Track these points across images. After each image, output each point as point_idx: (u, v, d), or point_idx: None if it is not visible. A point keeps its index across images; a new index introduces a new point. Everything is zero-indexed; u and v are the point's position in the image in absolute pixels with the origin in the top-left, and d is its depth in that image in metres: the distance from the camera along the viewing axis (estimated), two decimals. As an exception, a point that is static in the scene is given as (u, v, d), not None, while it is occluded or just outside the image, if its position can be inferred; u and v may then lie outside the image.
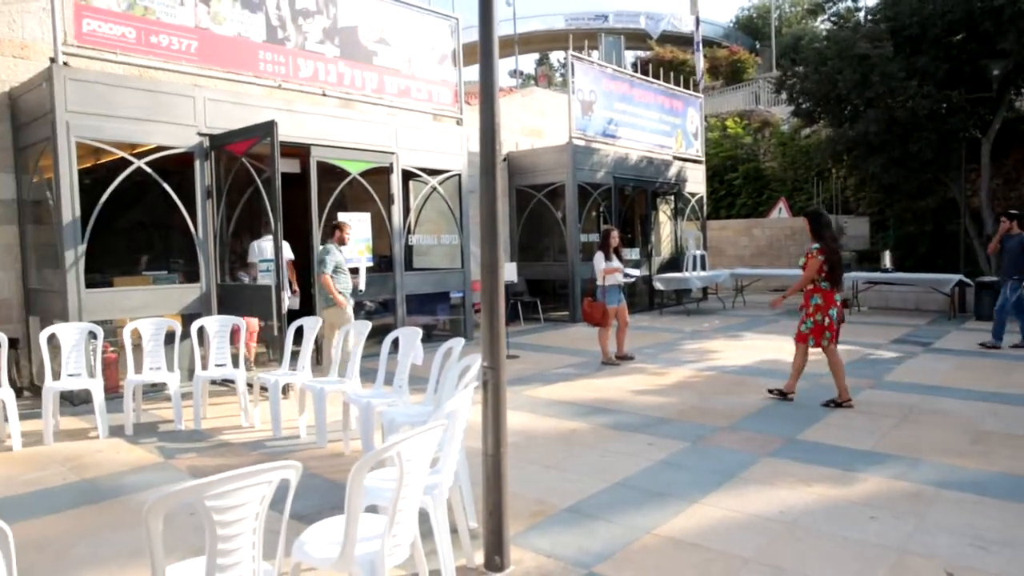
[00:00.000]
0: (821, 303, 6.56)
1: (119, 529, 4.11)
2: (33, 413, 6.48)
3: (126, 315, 7.52)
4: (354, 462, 5.11)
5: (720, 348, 10.09)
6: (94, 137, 7.30)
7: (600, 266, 8.86)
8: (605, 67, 14.94)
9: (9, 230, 8.13)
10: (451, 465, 3.17)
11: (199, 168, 7.98)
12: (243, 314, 7.26)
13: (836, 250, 6.54)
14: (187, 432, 6.22)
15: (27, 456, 5.62)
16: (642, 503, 4.34)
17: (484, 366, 3.30)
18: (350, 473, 2.37)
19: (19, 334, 7.97)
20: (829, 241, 6.52)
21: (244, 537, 2.11)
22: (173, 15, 7.84)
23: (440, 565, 3.14)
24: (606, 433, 5.91)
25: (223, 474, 2.01)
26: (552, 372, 8.59)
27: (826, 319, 6.55)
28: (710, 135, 23.27)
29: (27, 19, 8.17)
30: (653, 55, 32.69)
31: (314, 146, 8.87)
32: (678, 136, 16.60)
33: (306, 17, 8.99)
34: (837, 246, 6.59)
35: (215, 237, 8.16)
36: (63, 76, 7.02)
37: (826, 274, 6.49)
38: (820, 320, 6.56)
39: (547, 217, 14.13)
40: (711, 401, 6.93)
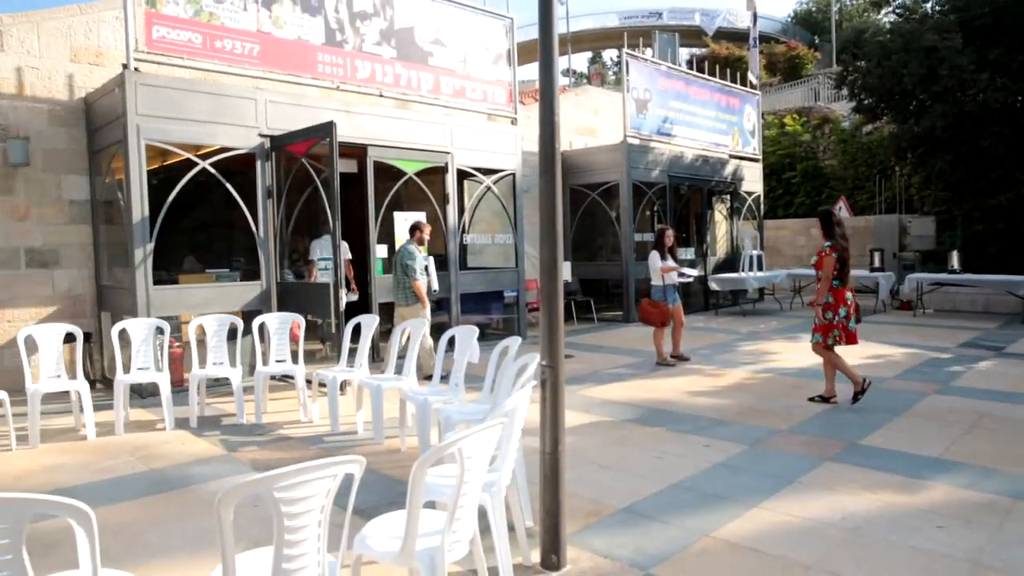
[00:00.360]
0: (831, 301, 6.64)
1: (187, 518, 4.25)
2: (104, 404, 6.73)
3: (190, 311, 7.77)
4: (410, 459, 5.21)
5: (777, 350, 9.88)
6: (162, 139, 7.55)
7: (656, 265, 8.76)
8: (660, 65, 14.79)
9: (83, 229, 8.48)
10: (509, 463, 3.18)
11: (260, 168, 8.19)
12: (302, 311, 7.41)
13: (846, 248, 6.63)
14: (248, 426, 6.39)
15: (100, 445, 5.86)
16: (699, 505, 4.28)
17: (543, 364, 3.31)
18: (412, 468, 2.40)
19: (92, 329, 8.31)
20: (839, 239, 6.61)
21: (310, 529, 2.16)
22: (236, 20, 8.05)
23: (497, 562, 3.16)
24: (662, 434, 5.85)
25: (291, 467, 2.06)
26: (607, 372, 8.54)
27: (835, 317, 6.61)
28: (767, 133, 22.80)
29: (102, 28, 8.51)
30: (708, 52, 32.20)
31: (371, 146, 9.00)
32: (734, 134, 16.32)
33: (363, 19, 9.13)
34: (846, 244, 6.67)
35: (275, 236, 8.36)
36: (134, 81, 7.29)
37: (836, 272, 6.59)
38: (829, 319, 6.63)
39: (600, 216, 14.06)
40: (768, 403, 6.80)
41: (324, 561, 2.27)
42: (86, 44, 8.42)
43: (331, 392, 6.10)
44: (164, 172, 8.64)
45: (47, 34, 8.15)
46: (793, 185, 22.76)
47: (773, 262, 18.83)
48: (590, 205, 13.75)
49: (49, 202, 8.21)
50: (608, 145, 14.06)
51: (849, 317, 6.61)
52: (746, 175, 16.54)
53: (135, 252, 7.37)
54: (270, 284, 8.27)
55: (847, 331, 6.63)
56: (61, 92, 8.25)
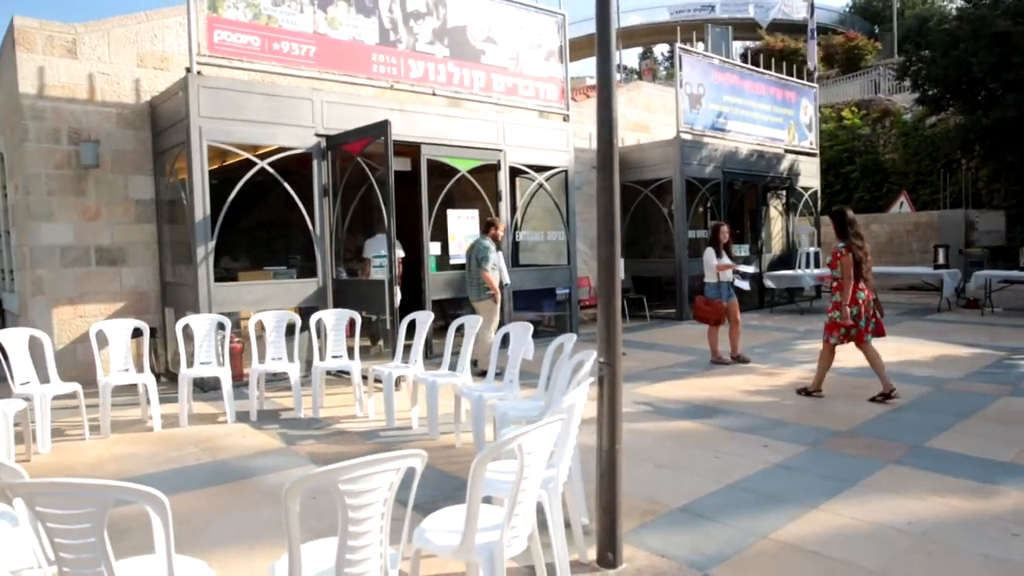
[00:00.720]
0: (841, 300, 6.69)
1: (249, 508, 4.36)
2: (168, 397, 6.94)
3: (249, 308, 7.97)
4: (465, 455, 5.26)
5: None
6: (223, 140, 7.76)
7: (712, 262, 8.63)
8: (713, 59, 14.55)
9: (148, 228, 8.77)
10: (567, 460, 3.18)
11: (316, 167, 8.35)
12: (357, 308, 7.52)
13: (861, 247, 6.67)
14: (306, 420, 6.53)
15: (165, 436, 6.06)
16: (758, 506, 4.21)
17: (600, 361, 3.30)
18: (472, 463, 2.42)
19: (157, 324, 8.60)
20: (854, 239, 6.67)
21: (373, 521, 2.19)
22: (294, 22, 8.22)
23: (554, 559, 3.16)
24: (718, 433, 5.77)
25: (356, 460, 2.10)
26: (661, 370, 8.46)
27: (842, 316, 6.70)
28: (825, 127, 22.22)
29: (166, 33, 8.79)
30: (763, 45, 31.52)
31: (424, 144, 9.09)
32: (790, 128, 15.96)
33: (417, 19, 9.21)
34: (862, 243, 6.71)
35: (331, 234, 8.51)
36: (196, 84, 7.50)
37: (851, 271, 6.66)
38: (836, 317, 6.73)
39: (653, 213, 13.92)
40: (828, 404, 6.64)
41: (386, 553, 2.30)
42: (151, 49, 8.70)
43: (386, 388, 6.19)
44: (224, 172, 8.88)
45: (116, 41, 8.45)
46: (852, 180, 22.14)
47: (831, 259, 18.34)
48: (643, 202, 13.63)
49: (117, 202, 8.52)
50: (661, 141, 13.90)
51: (860, 316, 6.65)
52: (802, 170, 16.17)
53: (197, 250, 7.59)
54: (326, 281, 8.43)
55: (859, 329, 6.68)
56: (128, 96, 8.55)
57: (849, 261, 6.61)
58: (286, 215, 9.83)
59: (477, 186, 9.79)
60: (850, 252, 6.62)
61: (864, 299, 6.68)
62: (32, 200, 8.01)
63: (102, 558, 2.04)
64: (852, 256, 6.61)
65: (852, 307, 6.64)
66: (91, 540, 2.02)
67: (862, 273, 6.67)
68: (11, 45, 8.03)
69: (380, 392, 6.56)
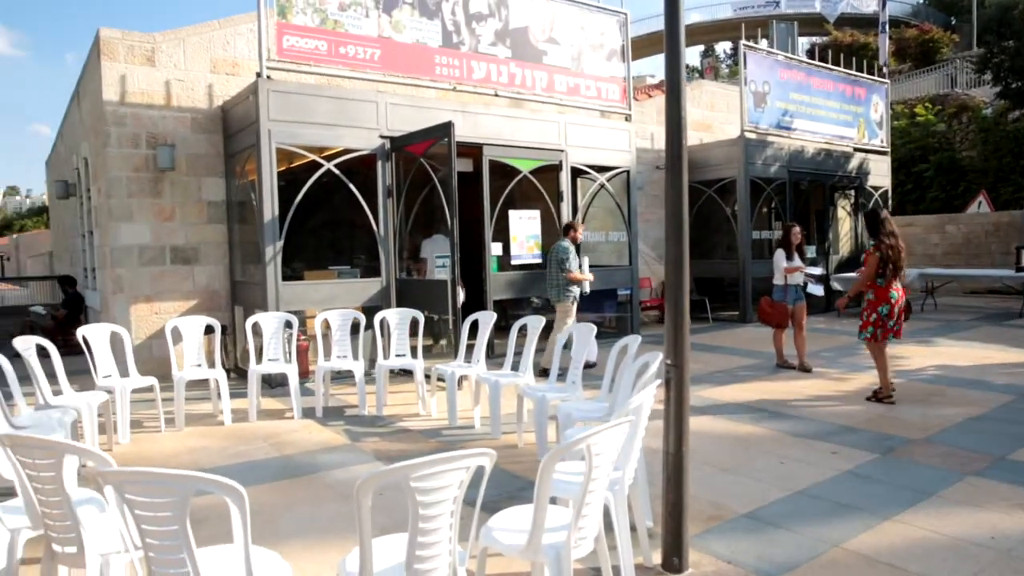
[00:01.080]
0: (872, 299, 6.76)
1: (316, 503, 4.46)
2: (237, 392, 7.15)
3: (315, 306, 8.15)
4: (527, 455, 5.26)
5: (908, 354, 9.30)
6: (291, 143, 7.96)
7: (781, 264, 8.42)
8: (779, 55, 14.22)
9: (219, 229, 9.07)
10: (633, 462, 3.16)
11: (380, 168, 8.48)
12: (420, 308, 7.61)
13: (892, 246, 6.69)
14: (370, 417, 6.64)
15: (235, 431, 6.25)
16: (828, 514, 4.09)
17: (667, 363, 3.26)
18: (541, 463, 2.42)
19: (227, 321, 8.87)
20: (885, 238, 6.70)
21: (443, 518, 2.22)
22: (359, 27, 8.37)
23: (619, 561, 3.14)
24: (785, 439, 5.64)
25: (428, 457, 2.12)
26: (724, 373, 8.31)
27: (873, 315, 6.74)
28: (896, 124, 21.44)
29: (238, 40, 9.07)
30: (831, 40, 30.66)
31: (486, 145, 9.14)
32: (860, 126, 15.47)
33: (479, 20, 9.28)
34: (894, 242, 6.71)
35: (394, 234, 8.64)
36: (266, 88, 7.72)
37: (880, 270, 6.71)
38: (867, 316, 6.78)
39: (716, 213, 13.69)
40: (901, 411, 6.41)
41: (455, 550, 2.32)
42: (223, 56, 8.99)
43: (449, 387, 6.25)
44: (291, 174, 9.11)
45: (191, 48, 8.77)
46: (925, 179, 21.31)
47: (902, 261, 17.69)
48: (705, 202, 13.41)
49: (191, 203, 8.83)
50: (725, 140, 13.67)
51: (891, 315, 6.71)
52: (872, 169, 15.66)
53: (266, 249, 7.80)
54: (389, 280, 8.56)
55: (885, 328, 6.73)
56: (202, 101, 8.85)
57: (875, 260, 6.69)
58: (350, 215, 10.02)
59: (539, 186, 9.79)
60: (878, 251, 6.69)
61: (897, 299, 6.70)
62: (113, 202, 8.37)
63: (184, 545, 2.11)
64: (881, 255, 6.68)
65: (884, 305, 6.68)
66: (174, 528, 2.10)
67: (892, 272, 6.69)
68: (96, 55, 8.41)
69: (442, 391, 6.63)
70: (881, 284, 6.72)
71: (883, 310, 6.68)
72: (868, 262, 6.78)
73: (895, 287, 6.70)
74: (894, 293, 6.68)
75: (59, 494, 2.52)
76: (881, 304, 6.69)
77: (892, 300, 6.67)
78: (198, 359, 6.76)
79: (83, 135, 10.31)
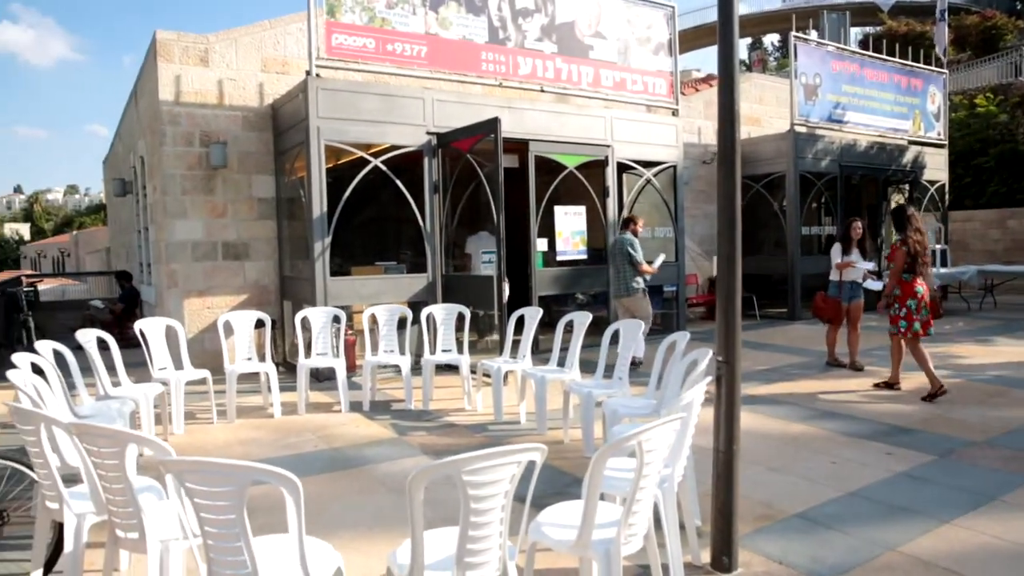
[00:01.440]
0: (899, 294, 6.85)
1: (364, 495, 4.52)
2: (285, 386, 7.27)
3: (362, 301, 8.25)
4: (573, 451, 5.25)
5: (966, 353, 9.02)
6: (339, 140, 8.07)
7: (835, 259, 8.24)
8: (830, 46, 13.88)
9: (269, 225, 9.24)
10: (682, 459, 3.12)
11: (427, 165, 8.54)
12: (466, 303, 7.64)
13: (919, 241, 6.81)
14: (416, 411, 6.70)
15: (285, 423, 6.37)
16: (882, 517, 3.99)
17: (719, 360, 3.21)
18: (593, 458, 2.41)
19: (276, 316, 9.04)
20: (912, 233, 6.81)
21: (494, 513, 2.22)
22: (407, 24, 8.44)
23: (668, 560, 3.11)
24: (836, 438, 5.52)
25: (480, 451, 2.13)
26: (773, 371, 8.17)
27: (903, 309, 6.83)
28: (954, 115, 20.74)
29: (287, 39, 9.23)
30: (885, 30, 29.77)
31: (532, 141, 9.13)
32: (915, 118, 15.03)
33: (525, 16, 9.26)
34: (920, 237, 6.83)
35: (441, 230, 8.69)
36: (315, 87, 7.83)
37: (907, 265, 6.80)
38: (896, 311, 6.86)
39: (763, 209, 13.44)
40: (959, 412, 6.22)
41: (505, 545, 2.33)
42: (274, 55, 9.15)
43: (495, 382, 6.26)
44: (338, 170, 9.22)
45: (243, 48, 8.95)
46: (985, 172, 20.57)
47: (960, 258, 17.16)
48: (753, 197, 13.18)
49: (242, 200, 9.02)
50: (774, 134, 13.41)
51: (919, 309, 6.79)
52: (928, 162, 15.20)
53: (314, 245, 7.93)
54: (436, 276, 8.61)
55: (921, 322, 6.81)
56: (253, 100, 9.03)
57: (902, 255, 6.80)
58: (397, 212, 10.10)
59: (584, 182, 9.75)
60: (905, 245, 6.80)
61: (923, 294, 6.81)
62: (168, 199, 8.60)
63: (241, 533, 2.16)
64: (908, 249, 6.79)
65: (912, 300, 6.79)
66: (232, 516, 2.15)
67: (917, 267, 6.81)
68: (153, 57, 8.65)
69: (488, 386, 6.66)
70: (907, 279, 6.83)
71: (911, 304, 6.79)
72: (896, 257, 6.87)
73: (919, 282, 6.82)
74: (919, 288, 6.80)
75: (122, 481, 2.60)
76: (908, 298, 6.80)
77: (918, 295, 6.79)
78: (249, 353, 6.91)
79: (140, 134, 10.61)
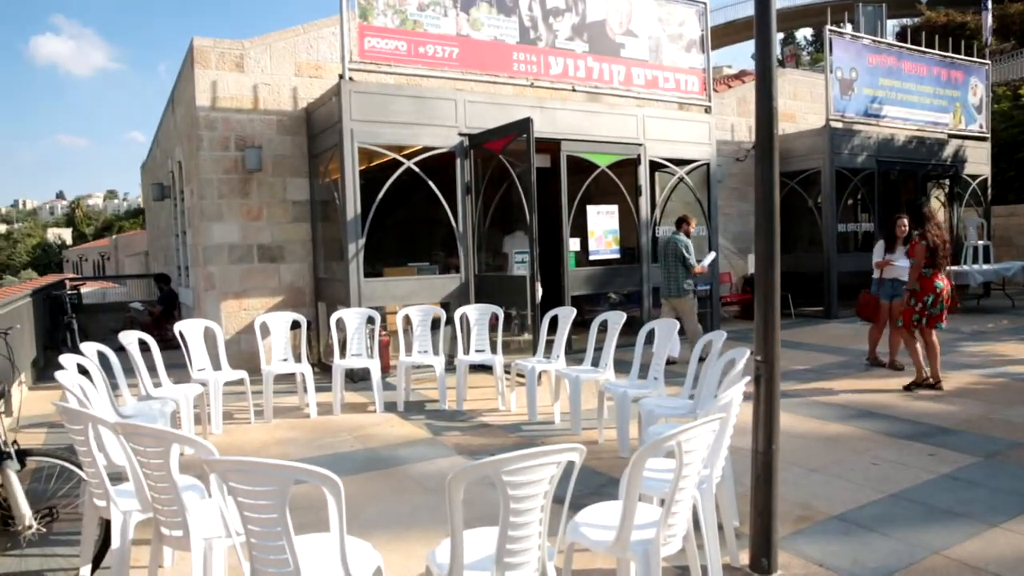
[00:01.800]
0: (918, 289, 6.94)
1: (400, 495, 4.56)
2: (320, 387, 7.35)
3: (396, 302, 8.31)
4: (608, 451, 5.23)
5: (1011, 352, 8.79)
6: (372, 142, 8.13)
7: (875, 258, 8.10)
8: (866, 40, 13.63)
9: (304, 227, 9.35)
10: (720, 460, 3.09)
11: (459, 166, 8.57)
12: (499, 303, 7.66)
13: (938, 235, 6.89)
14: (450, 411, 6.72)
15: (321, 423, 6.44)
16: (925, 519, 3.91)
17: (757, 360, 3.17)
18: (632, 458, 2.40)
19: (311, 317, 9.15)
20: (931, 228, 6.89)
21: (533, 513, 2.22)
22: (438, 26, 8.48)
23: (707, 561, 3.08)
24: (876, 439, 5.42)
25: (519, 452, 2.13)
26: (810, 370, 8.05)
27: (919, 304, 6.92)
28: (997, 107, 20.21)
29: (320, 44, 9.33)
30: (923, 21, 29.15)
31: (564, 141, 9.12)
32: (956, 111, 14.69)
33: (556, 16, 9.25)
34: (939, 231, 6.92)
35: (473, 231, 8.71)
36: (348, 90, 7.91)
37: (927, 260, 6.87)
38: (912, 304, 6.96)
39: (797, 206, 13.25)
40: (1005, 412, 6.06)
41: (544, 545, 2.33)
42: (307, 59, 9.26)
43: (529, 382, 6.26)
44: (370, 173, 9.30)
45: (277, 53, 9.07)
46: (1029, 166, 20.02)
47: (1003, 253, 16.72)
48: (787, 194, 12.98)
49: (276, 203, 9.14)
50: (808, 130, 13.21)
51: (935, 304, 6.89)
52: (970, 156, 14.85)
53: (348, 247, 8.00)
54: (468, 277, 8.64)
55: (931, 317, 6.91)
56: (287, 104, 9.15)
57: (922, 250, 6.87)
58: (429, 213, 10.17)
59: (616, 181, 9.70)
60: (924, 240, 6.86)
61: (942, 288, 6.89)
62: (205, 203, 8.75)
63: (284, 532, 2.19)
64: (927, 244, 6.85)
65: (929, 295, 6.87)
66: (274, 515, 2.18)
67: (936, 261, 6.87)
68: (190, 63, 8.81)
69: (521, 386, 6.66)
70: (926, 274, 6.90)
71: (928, 300, 6.89)
72: (916, 252, 6.93)
73: (940, 277, 6.91)
74: (939, 283, 6.89)
75: (167, 480, 2.66)
76: (927, 294, 6.89)
77: (938, 290, 6.88)
78: (285, 354, 7.00)
79: (177, 140, 10.81)
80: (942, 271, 6.94)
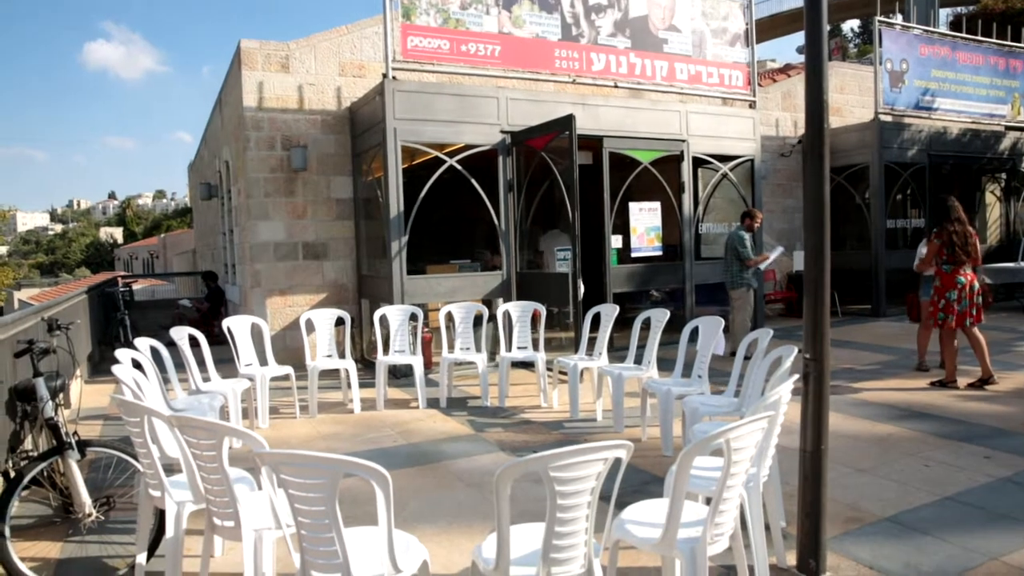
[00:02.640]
0: (939, 285, 6.97)
1: (444, 490, 4.59)
2: (364, 382, 7.42)
3: (438, 299, 8.36)
4: (651, 449, 5.20)
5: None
6: (415, 140, 8.20)
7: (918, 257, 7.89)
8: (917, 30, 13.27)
9: (347, 225, 9.48)
10: (768, 459, 3.05)
11: (501, 163, 8.59)
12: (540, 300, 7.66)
13: (957, 231, 6.83)
14: (492, 408, 6.75)
15: (365, 419, 6.52)
16: (983, 524, 3.80)
17: (806, 358, 3.12)
18: (679, 456, 2.38)
19: (354, 314, 9.26)
20: (953, 224, 6.84)
21: (580, 509, 2.22)
22: (480, 24, 8.50)
23: (753, 561, 3.04)
24: (928, 440, 5.28)
25: (566, 448, 2.14)
26: (858, 369, 7.88)
27: (942, 301, 6.91)
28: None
29: (364, 44, 9.44)
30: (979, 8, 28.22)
31: (606, 137, 9.07)
32: (1015, 101, 14.20)
33: (598, 12, 9.20)
34: (960, 228, 6.84)
35: (515, 228, 8.72)
36: (392, 89, 7.98)
37: (947, 256, 6.87)
38: (936, 300, 6.97)
39: (844, 202, 12.95)
40: (1066, 413, 5.86)
41: (591, 541, 2.33)
42: (351, 59, 9.38)
43: (572, 379, 6.25)
44: (413, 171, 9.37)
45: (321, 54, 9.20)
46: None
47: (1062, 250, 16.14)
48: (835, 190, 12.69)
49: (321, 201, 9.28)
50: (856, 124, 12.92)
51: (959, 300, 6.84)
52: (1028, 149, 14.37)
53: (391, 244, 8.08)
54: (510, 274, 8.66)
55: (957, 314, 6.85)
56: (331, 103, 9.27)
57: (935, 247, 6.92)
58: (471, 210, 10.20)
59: (659, 177, 9.62)
60: (939, 237, 6.89)
61: (965, 284, 6.84)
62: (252, 202, 8.92)
63: (333, 524, 2.23)
64: (941, 242, 6.87)
65: (952, 291, 6.85)
66: (323, 508, 2.21)
67: (958, 257, 6.84)
68: (237, 65, 8.99)
69: (563, 383, 6.65)
70: (947, 271, 6.89)
71: (951, 296, 6.86)
72: (929, 248, 7.07)
73: (962, 272, 6.86)
74: (961, 279, 6.85)
75: (219, 472, 2.72)
76: (948, 290, 6.88)
77: (959, 285, 6.84)
78: (329, 350, 7.10)
79: (224, 140, 11.04)
80: (964, 267, 6.87)
